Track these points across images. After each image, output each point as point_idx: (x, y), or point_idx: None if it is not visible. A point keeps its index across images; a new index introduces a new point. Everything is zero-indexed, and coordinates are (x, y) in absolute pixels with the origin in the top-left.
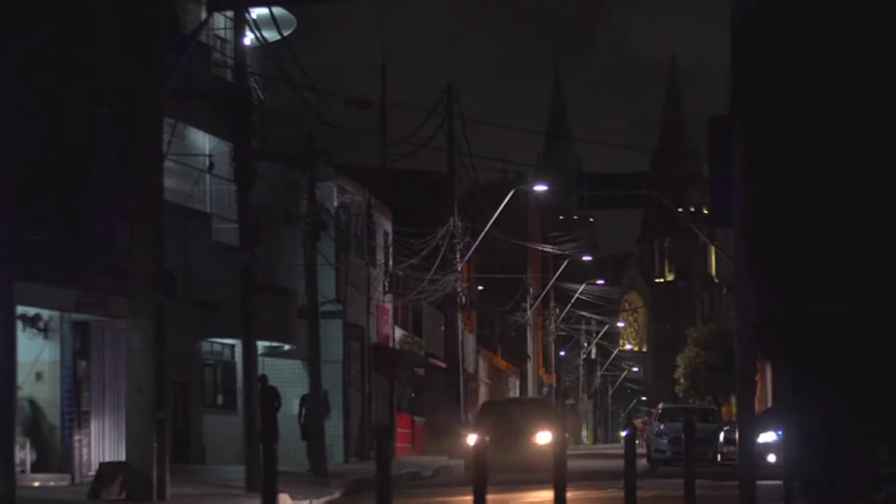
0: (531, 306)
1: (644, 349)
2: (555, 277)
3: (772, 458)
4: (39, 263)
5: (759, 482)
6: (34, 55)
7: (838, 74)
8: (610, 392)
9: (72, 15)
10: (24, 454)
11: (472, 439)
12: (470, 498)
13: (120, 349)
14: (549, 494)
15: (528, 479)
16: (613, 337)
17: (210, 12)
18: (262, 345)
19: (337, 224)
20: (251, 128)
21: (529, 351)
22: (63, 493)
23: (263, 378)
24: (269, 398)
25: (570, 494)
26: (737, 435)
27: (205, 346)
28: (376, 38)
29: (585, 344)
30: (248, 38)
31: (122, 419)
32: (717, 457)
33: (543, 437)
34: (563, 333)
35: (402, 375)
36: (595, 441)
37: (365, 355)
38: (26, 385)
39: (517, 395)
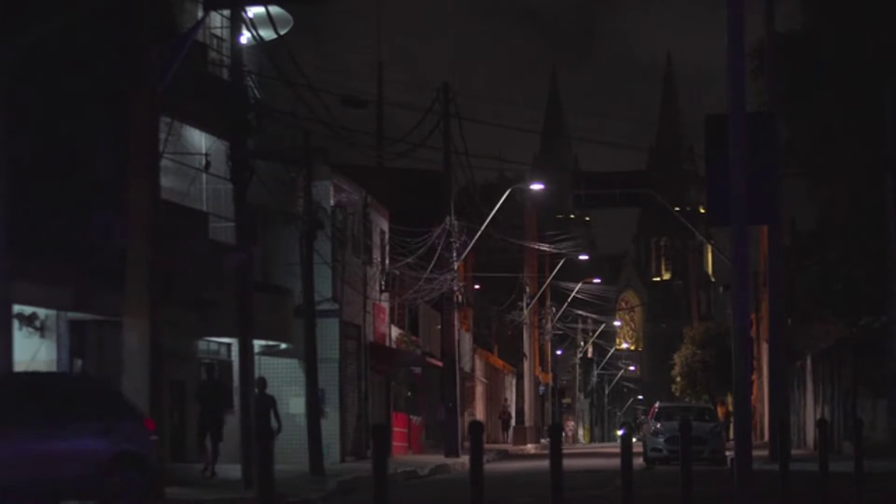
0: (528, 305)
1: (640, 348)
2: (551, 276)
3: None
4: (36, 262)
5: None
6: (31, 54)
7: None
8: (606, 391)
9: (68, 14)
10: None
11: None
12: None
13: (116, 348)
14: None
15: None
16: (610, 336)
17: (207, 11)
18: (258, 344)
19: (333, 223)
20: (247, 126)
21: (526, 350)
22: None
23: (210, 373)
24: (214, 395)
25: None
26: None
27: (201, 344)
28: (374, 37)
29: (582, 343)
30: (245, 37)
31: None
32: (714, 455)
33: None
34: (560, 332)
35: (399, 374)
36: (592, 440)
37: (361, 354)
38: None
39: (514, 395)
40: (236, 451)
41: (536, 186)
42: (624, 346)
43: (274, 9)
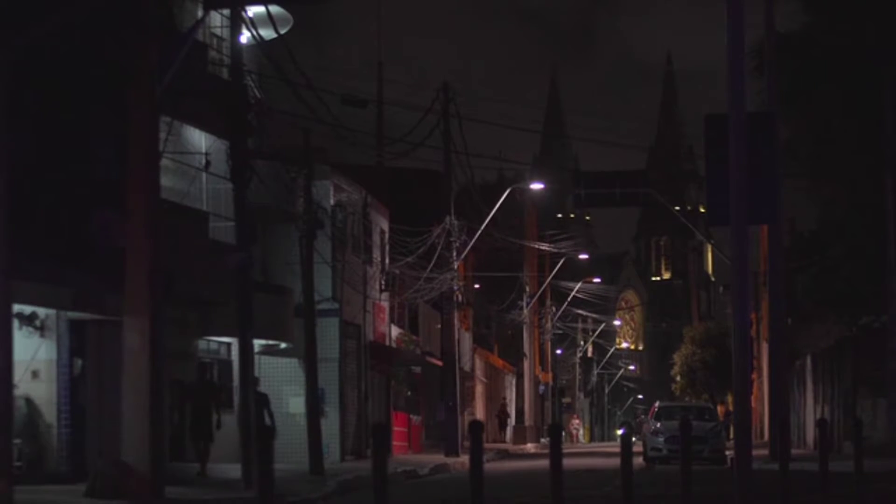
0: (527, 305)
1: (640, 347)
2: (551, 276)
3: None
4: (36, 262)
5: None
6: (30, 53)
7: None
8: (606, 390)
9: (68, 13)
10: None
11: None
12: None
13: (116, 347)
14: None
15: None
16: (610, 335)
17: (206, 10)
18: (258, 343)
19: (333, 222)
20: (248, 126)
21: (526, 349)
22: (60, 492)
23: (201, 373)
24: (204, 395)
25: None
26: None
27: (201, 344)
28: (374, 37)
29: (582, 342)
30: (245, 37)
31: (118, 418)
32: (714, 455)
33: None
34: (560, 332)
35: (399, 374)
36: (591, 439)
37: (361, 353)
38: (23, 383)
39: (514, 394)
40: (231, 450)
41: (536, 186)
42: (624, 345)
43: (274, 8)
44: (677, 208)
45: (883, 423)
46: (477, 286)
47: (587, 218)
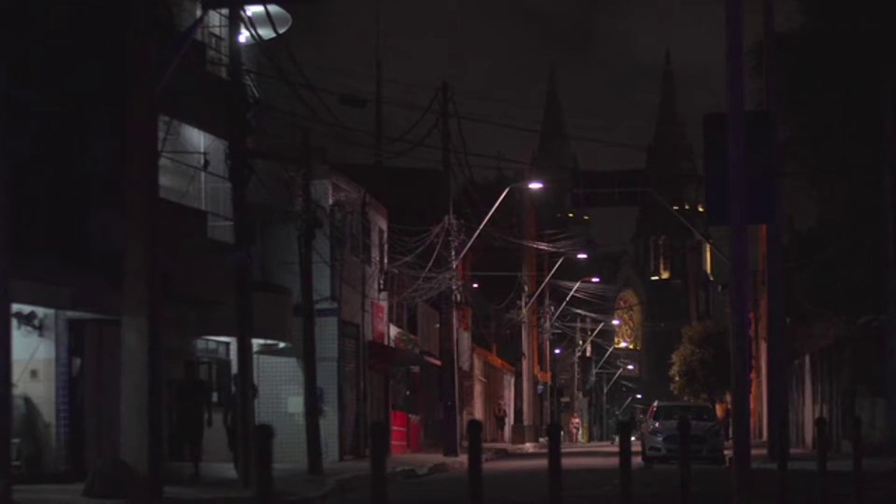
0: (526, 304)
1: (639, 347)
2: (550, 275)
3: None
4: (35, 261)
5: None
6: (30, 53)
7: None
8: (605, 390)
9: (67, 13)
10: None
11: None
12: None
13: (115, 347)
14: None
15: None
16: (608, 335)
17: (205, 9)
18: (257, 342)
19: (332, 222)
20: (246, 125)
21: (524, 349)
22: (58, 491)
23: (191, 371)
24: (194, 394)
25: None
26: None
27: (200, 343)
28: (373, 36)
29: (580, 342)
30: (244, 36)
31: (117, 417)
32: (712, 454)
33: None
34: (559, 331)
35: (397, 373)
36: (590, 439)
37: (360, 353)
38: (21, 383)
39: (513, 394)
40: (219, 449)
41: (535, 185)
42: (622, 344)
43: (273, 7)
44: (676, 208)
45: (882, 422)
46: (476, 286)
47: (586, 217)
